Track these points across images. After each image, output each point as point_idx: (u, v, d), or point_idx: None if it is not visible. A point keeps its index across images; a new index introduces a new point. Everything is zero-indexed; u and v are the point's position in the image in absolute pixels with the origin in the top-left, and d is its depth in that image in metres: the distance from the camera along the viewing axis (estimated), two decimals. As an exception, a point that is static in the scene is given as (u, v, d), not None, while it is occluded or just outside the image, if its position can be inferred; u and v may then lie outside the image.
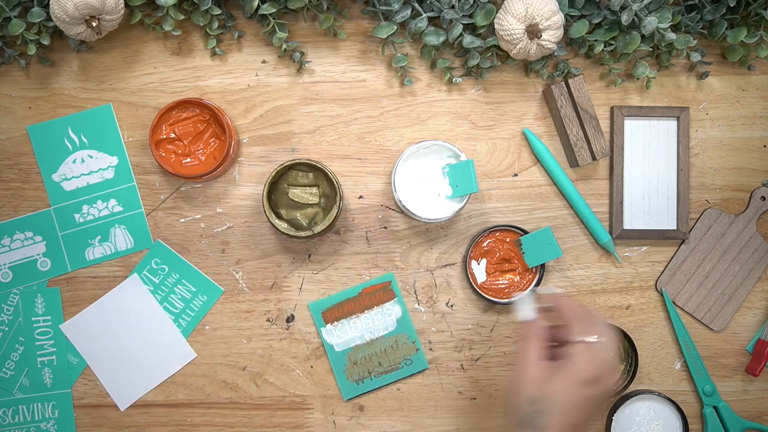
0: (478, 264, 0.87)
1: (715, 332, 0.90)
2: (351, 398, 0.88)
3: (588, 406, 0.68)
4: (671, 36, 0.82)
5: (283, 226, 0.82)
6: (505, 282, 0.87)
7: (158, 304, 0.88)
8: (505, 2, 0.81)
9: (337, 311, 0.88)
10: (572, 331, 0.69)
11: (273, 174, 0.81)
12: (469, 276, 0.86)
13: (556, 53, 0.86)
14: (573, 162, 0.88)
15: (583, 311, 0.72)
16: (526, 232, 0.86)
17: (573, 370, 0.67)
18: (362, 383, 0.88)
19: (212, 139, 0.86)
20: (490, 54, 0.87)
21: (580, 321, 0.70)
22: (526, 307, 0.74)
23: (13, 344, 0.87)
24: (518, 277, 0.87)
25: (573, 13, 0.84)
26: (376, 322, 0.88)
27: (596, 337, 0.69)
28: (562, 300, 0.74)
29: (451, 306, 0.89)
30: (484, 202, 0.89)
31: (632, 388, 0.88)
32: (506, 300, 0.86)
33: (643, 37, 0.85)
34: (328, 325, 0.88)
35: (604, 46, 0.86)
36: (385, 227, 0.89)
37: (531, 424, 0.67)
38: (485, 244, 0.87)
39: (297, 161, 0.82)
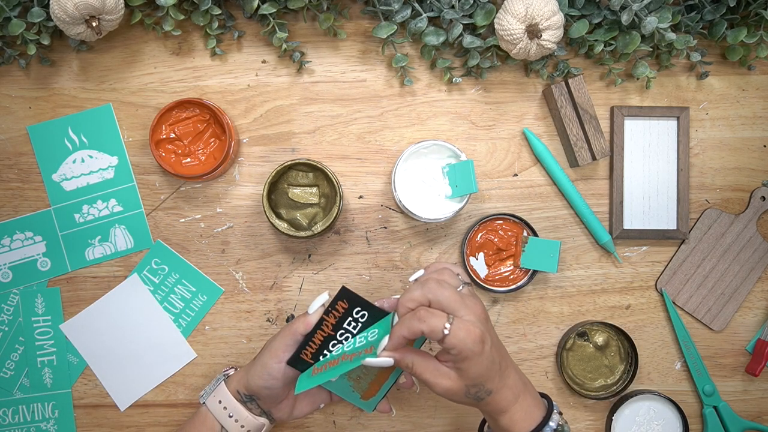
0: (477, 259, 0.88)
1: (715, 332, 0.90)
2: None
3: (492, 339, 0.67)
4: (671, 36, 0.82)
5: (283, 226, 0.82)
6: (508, 269, 0.88)
7: (158, 304, 0.88)
8: (505, 2, 0.81)
9: (320, 370, 0.74)
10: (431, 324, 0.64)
11: (273, 174, 0.81)
12: (471, 273, 0.87)
13: (556, 53, 0.86)
14: (573, 162, 0.88)
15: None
16: (517, 218, 0.86)
17: (467, 348, 0.64)
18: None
19: (212, 139, 0.86)
20: (490, 54, 0.87)
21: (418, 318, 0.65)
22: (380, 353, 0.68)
23: (13, 344, 0.87)
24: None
25: (573, 13, 0.84)
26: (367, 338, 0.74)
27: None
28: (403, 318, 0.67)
29: (451, 306, 0.89)
30: (484, 202, 0.89)
31: (632, 388, 0.88)
32: (513, 286, 0.87)
33: (643, 37, 0.85)
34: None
35: (604, 46, 0.86)
36: (385, 227, 0.89)
37: (479, 397, 0.69)
38: (478, 237, 0.87)
39: (297, 161, 0.82)
